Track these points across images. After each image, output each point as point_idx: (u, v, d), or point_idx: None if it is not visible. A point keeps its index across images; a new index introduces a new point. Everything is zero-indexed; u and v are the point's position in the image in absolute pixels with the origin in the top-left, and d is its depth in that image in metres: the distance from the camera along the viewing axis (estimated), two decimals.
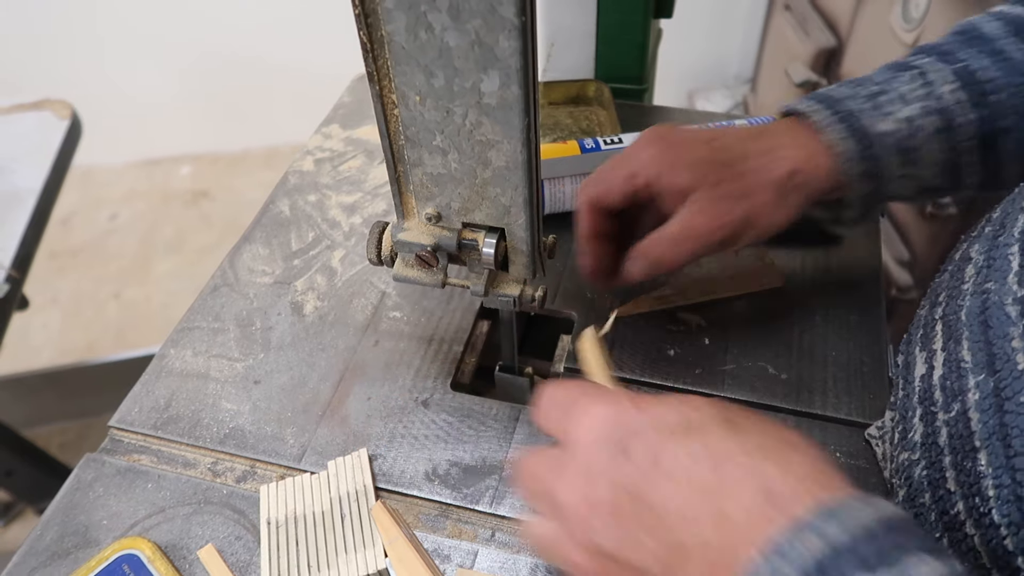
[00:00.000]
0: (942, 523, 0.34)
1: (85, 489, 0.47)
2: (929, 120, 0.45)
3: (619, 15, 0.70)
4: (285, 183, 0.67)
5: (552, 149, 0.59)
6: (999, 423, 0.31)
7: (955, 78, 0.45)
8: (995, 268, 0.35)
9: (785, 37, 1.66)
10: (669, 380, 0.51)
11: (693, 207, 0.44)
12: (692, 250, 0.45)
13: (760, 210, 0.45)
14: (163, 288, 1.98)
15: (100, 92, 2.04)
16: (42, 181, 1.00)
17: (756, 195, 0.45)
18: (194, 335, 0.55)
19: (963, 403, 0.33)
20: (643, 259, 0.46)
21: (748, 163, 0.45)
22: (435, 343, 0.54)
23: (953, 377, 0.35)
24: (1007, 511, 0.29)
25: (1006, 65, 0.44)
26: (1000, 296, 0.34)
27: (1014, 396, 0.30)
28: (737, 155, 0.45)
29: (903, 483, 0.38)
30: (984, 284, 0.35)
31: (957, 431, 0.34)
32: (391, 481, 0.46)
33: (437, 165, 0.40)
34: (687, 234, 0.45)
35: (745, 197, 0.44)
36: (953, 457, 0.34)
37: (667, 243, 0.45)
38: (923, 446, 0.37)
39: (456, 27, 0.33)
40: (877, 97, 0.46)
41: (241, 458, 0.48)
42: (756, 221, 0.45)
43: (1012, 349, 0.31)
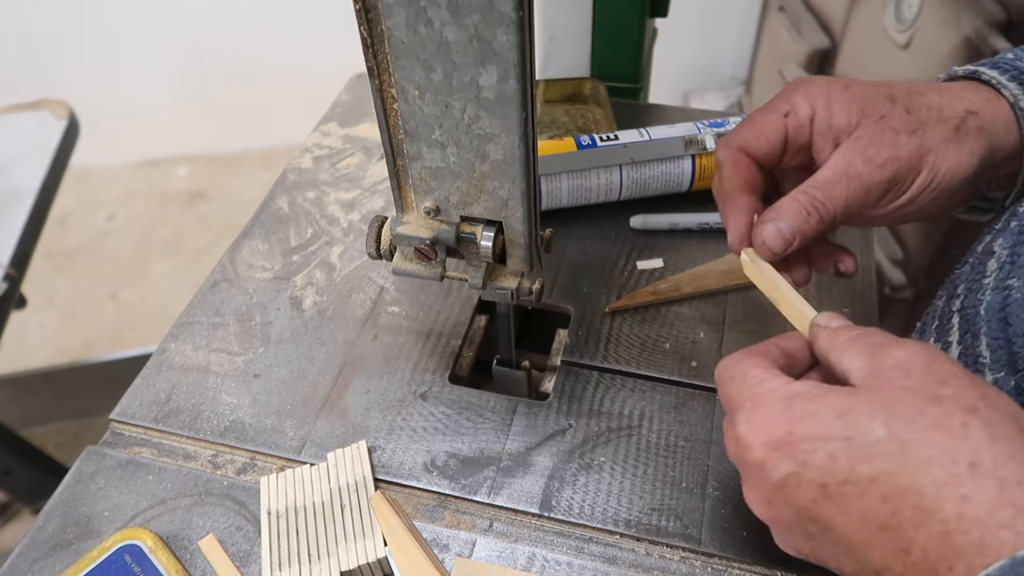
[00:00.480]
0: None
1: (87, 481, 0.47)
2: None
3: (615, 14, 0.71)
4: (284, 180, 0.68)
5: (549, 146, 0.59)
6: None
7: None
8: (1019, 264, 0.35)
9: (779, 38, 1.67)
10: (664, 372, 0.51)
11: (852, 145, 0.38)
12: (848, 202, 0.37)
13: (935, 147, 0.37)
14: (160, 289, 1.98)
15: (97, 93, 2.04)
16: (40, 180, 1.00)
17: (928, 130, 0.37)
18: (194, 330, 0.55)
19: None
20: (784, 219, 0.38)
21: (916, 100, 0.38)
22: (433, 337, 0.54)
23: (970, 371, 0.35)
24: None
25: None
26: (1023, 293, 0.34)
27: None
28: (903, 92, 0.39)
29: None
30: (1007, 280, 0.35)
31: None
32: (390, 472, 0.47)
33: (436, 159, 0.40)
34: (844, 174, 0.37)
35: (916, 132, 0.37)
36: None
37: (819, 189, 0.38)
38: None
39: (455, 22, 0.34)
40: None
41: (241, 450, 0.49)
42: (930, 159, 0.37)
43: None
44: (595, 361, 0.52)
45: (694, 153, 0.59)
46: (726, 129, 0.60)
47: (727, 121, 0.61)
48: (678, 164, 0.60)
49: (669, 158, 0.59)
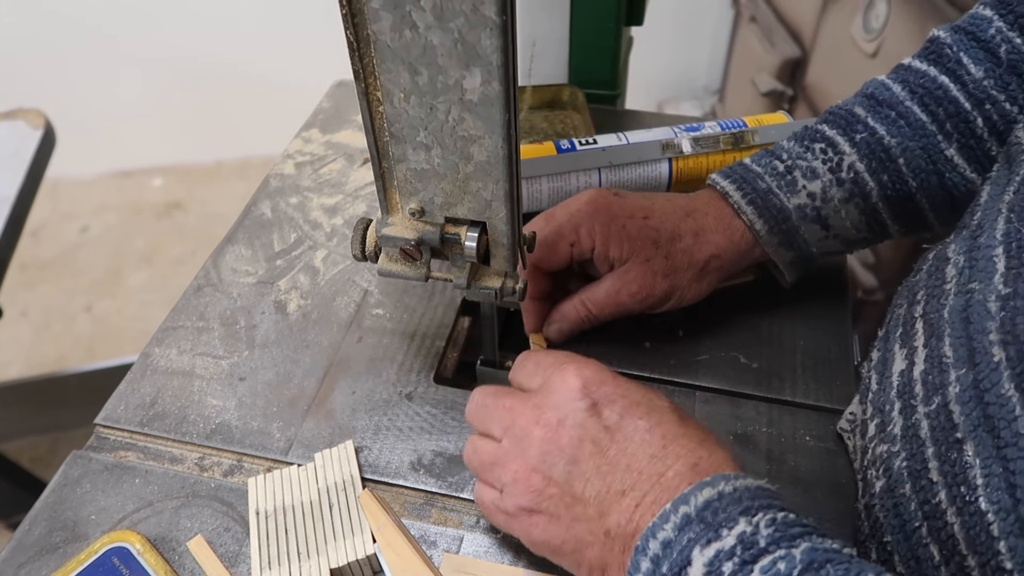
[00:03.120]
0: (922, 512, 0.36)
1: (72, 485, 0.47)
2: (838, 190, 0.50)
3: (592, 22, 0.72)
4: (267, 186, 0.68)
5: (529, 150, 0.60)
6: (983, 415, 0.32)
7: (861, 147, 0.50)
8: (979, 269, 0.37)
9: (751, 48, 1.71)
10: (645, 370, 0.53)
11: (624, 277, 0.50)
12: (613, 315, 0.51)
13: (681, 286, 0.51)
14: (135, 300, 1.97)
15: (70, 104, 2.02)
16: (16, 189, 0.99)
17: (679, 275, 0.51)
18: (179, 334, 0.56)
19: (944, 396, 0.35)
20: (564, 321, 0.52)
21: (676, 244, 0.50)
22: (418, 339, 0.55)
23: (935, 372, 0.37)
24: (996, 498, 0.31)
25: (908, 129, 0.49)
26: (984, 295, 0.35)
27: (993, 388, 0.32)
28: (667, 235, 0.50)
29: (881, 475, 0.39)
30: (968, 284, 0.37)
31: (939, 423, 0.35)
32: (377, 471, 0.47)
33: (421, 161, 0.41)
34: (612, 300, 0.50)
35: (669, 275, 0.50)
36: (936, 448, 0.35)
37: (592, 305, 0.51)
38: (903, 438, 0.38)
39: (440, 26, 0.35)
40: (789, 174, 0.51)
41: (228, 452, 0.49)
42: (675, 295, 0.51)
43: (989, 343, 0.33)
44: None
45: (671, 156, 0.61)
46: (701, 133, 0.62)
47: (702, 125, 0.63)
48: (655, 167, 0.61)
49: (647, 161, 0.61)
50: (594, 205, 0.50)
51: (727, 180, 0.52)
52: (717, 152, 0.61)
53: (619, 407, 0.38)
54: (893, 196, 0.50)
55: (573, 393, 0.39)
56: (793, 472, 0.47)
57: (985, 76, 0.47)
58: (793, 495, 0.46)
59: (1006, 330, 0.33)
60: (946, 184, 0.49)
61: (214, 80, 2.08)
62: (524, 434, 0.39)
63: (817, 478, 0.46)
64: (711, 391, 0.52)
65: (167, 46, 1.96)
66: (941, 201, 0.50)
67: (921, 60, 0.50)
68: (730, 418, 0.50)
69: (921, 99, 0.49)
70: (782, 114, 0.64)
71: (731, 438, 0.49)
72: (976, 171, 0.49)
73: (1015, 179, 0.38)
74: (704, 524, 0.32)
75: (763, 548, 0.31)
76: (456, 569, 0.43)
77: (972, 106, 0.48)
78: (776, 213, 0.50)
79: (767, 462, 0.47)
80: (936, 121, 0.49)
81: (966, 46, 0.48)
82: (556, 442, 0.38)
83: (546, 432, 0.38)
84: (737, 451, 0.48)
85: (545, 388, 0.40)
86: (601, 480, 0.36)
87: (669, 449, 0.36)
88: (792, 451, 0.48)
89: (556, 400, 0.39)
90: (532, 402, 0.40)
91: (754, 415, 0.50)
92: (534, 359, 0.43)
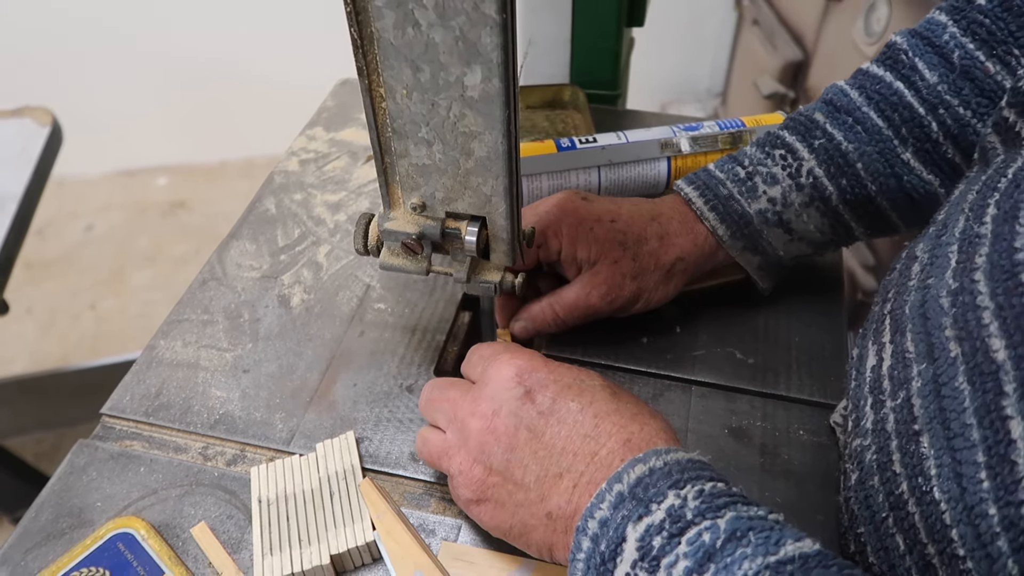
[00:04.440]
0: (888, 503, 0.37)
1: (79, 473, 0.48)
2: (798, 195, 0.52)
3: (593, 23, 0.73)
4: (271, 182, 0.69)
5: (531, 148, 0.61)
6: (938, 408, 0.33)
7: (819, 153, 0.51)
8: (936, 265, 0.38)
9: (754, 51, 1.71)
10: (642, 365, 0.53)
11: (593, 279, 0.51)
12: (581, 318, 0.53)
13: (648, 288, 0.52)
14: (139, 299, 1.98)
15: (76, 103, 2.04)
16: (23, 187, 1.00)
17: (646, 276, 0.52)
18: (184, 327, 0.57)
19: (907, 390, 0.36)
20: (531, 321, 0.53)
21: (642, 247, 0.52)
22: (419, 333, 0.56)
23: (900, 367, 0.38)
24: (947, 487, 0.32)
25: (865, 135, 0.50)
26: (937, 290, 0.36)
27: (949, 382, 0.33)
28: (633, 238, 0.51)
29: (856, 467, 0.40)
30: (926, 280, 0.38)
31: (902, 417, 0.36)
32: (377, 462, 0.48)
33: (422, 156, 0.42)
34: (581, 303, 0.51)
35: (636, 277, 0.51)
36: (899, 441, 0.36)
37: (561, 308, 0.52)
38: (873, 432, 0.39)
39: (441, 24, 0.36)
40: (750, 180, 0.52)
41: (231, 442, 0.50)
42: (643, 296, 0.52)
43: (946, 338, 0.34)
44: (575, 355, 0.54)
45: (669, 155, 0.62)
46: (700, 132, 0.63)
47: (701, 125, 0.63)
48: (654, 165, 0.62)
49: (645, 160, 0.61)
50: (561, 208, 0.51)
51: (691, 186, 0.53)
52: (715, 151, 0.62)
53: (551, 391, 0.40)
54: (853, 200, 0.52)
55: (507, 383, 0.40)
56: (786, 465, 0.48)
57: (939, 81, 0.48)
58: (786, 488, 0.47)
59: (959, 326, 0.33)
60: (905, 187, 0.51)
61: (218, 80, 2.09)
62: (463, 425, 0.41)
63: (809, 471, 0.47)
64: (707, 386, 0.52)
65: (172, 46, 1.98)
66: (902, 203, 0.52)
67: (879, 65, 0.52)
68: (725, 412, 0.51)
69: (877, 105, 0.50)
70: (780, 114, 0.64)
71: (726, 431, 0.50)
72: (933, 173, 0.50)
73: (980, 180, 0.39)
74: (636, 500, 0.34)
75: (690, 520, 0.32)
76: (454, 557, 0.44)
77: (926, 111, 0.49)
78: (738, 218, 0.52)
79: (761, 455, 0.48)
80: (892, 126, 0.50)
81: (921, 51, 0.49)
82: (493, 432, 0.40)
83: (483, 423, 0.40)
84: (729, 444, 0.49)
85: (482, 379, 0.42)
86: (539, 465, 0.38)
87: (601, 427, 0.38)
88: (786, 445, 0.49)
89: (491, 391, 0.41)
90: (471, 394, 0.42)
91: (749, 409, 0.51)
92: (478, 352, 0.45)
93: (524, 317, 0.53)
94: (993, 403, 0.29)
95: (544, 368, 0.41)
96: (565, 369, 0.41)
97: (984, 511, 0.29)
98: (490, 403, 0.40)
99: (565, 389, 0.40)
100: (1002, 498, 0.28)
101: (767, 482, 0.47)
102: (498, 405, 0.40)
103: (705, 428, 0.50)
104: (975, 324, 0.32)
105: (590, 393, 0.40)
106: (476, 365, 0.44)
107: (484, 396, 0.41)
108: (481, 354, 0.45)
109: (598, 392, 0.40)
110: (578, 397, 0.39)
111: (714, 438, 0.49)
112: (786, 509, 0.45)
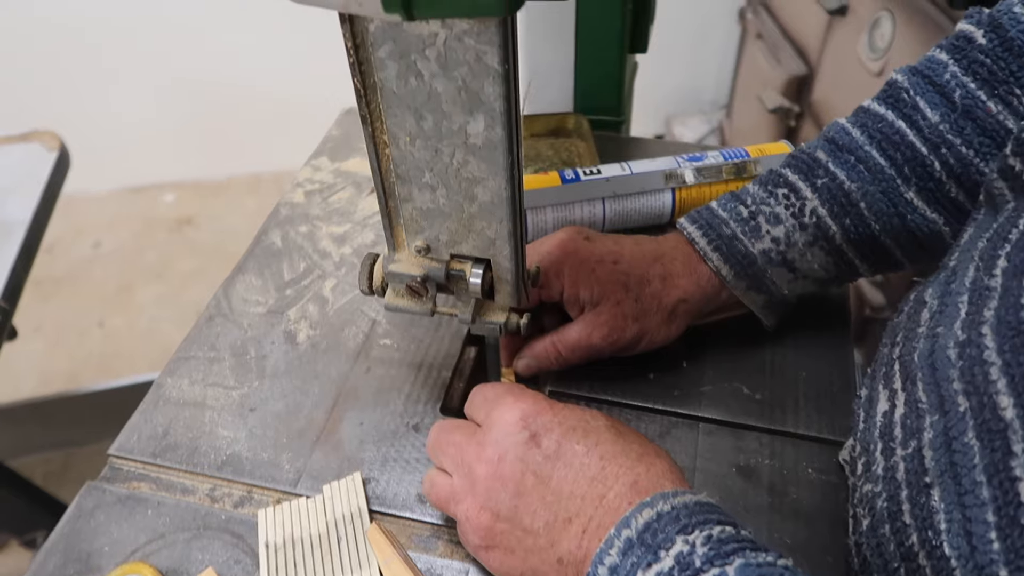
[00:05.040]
0: (899, 553, 0.36)
1: (86, 517, 0.48)
2: (802, 235, 0.51)
3: (596, 51, 0.73)
4: (276, 215, 0.69)
5: (535, 180, 0.61)
6: (949, 462, 0.33)
7: (822, 192, 0.51)
8: (946, 314, 0.38)
9: (758, 64, 1.71)
10: (648, 401, 0.53)
11: (596, 319, 0.51)
12: (583, 358, 0.52)
13: (650, 329, 0.52)
14: (147, 316, 1.99)
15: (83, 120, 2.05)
16: (31, 212, 1.01)
17: (649, 317, 0.51)
18: (190, 364, 0.57)
19: (919, 441, 0.36)
20: (534, 359, 0.53)
21: (645, 288, 0.51)
22: (424, 369, 0.56)
23: (913, 416, 0.37)
24: (957, 544, 0.31)
25: (868, 174, 0.50)
26: (946, 340, 0.36)
27: (959, 436, 0.33)
28: (636, 279, 0.51)
29: (866, 513, 0.40)
30: (935, 328, 0.38)
31: (913, 467, 0.36)
32: (384, 503, 0.48)
33: (426, 200, 0.42)
34: (584, 343, 0.51)
35: (639, 319, 0.51)
36: (909, 492, 0.36)
37: (563, 347, 0.52)
38: (884, 479, 0.39)
39: (444, 74, 0.36)
40: (753, 219, 0.52)
41: (238, 484, 0.50)
42: (645, 338, 0.52)
43: (955, 391, 0.34)
44: (581, 391, 0.54)
45: (674, 187, 0.62)
46: (704, 163, 0.62)
47: (705, 155, 0.63)
48: (658, 197, 0.62)
49: (650, 191, 0.61)
50: (563, 249, 0.51)
51: (693, 225, 0.53)
52: (719, 182, 0.62)
53: (556, 434, 0.40)
54: (857, 239, 0.51)
55: (511, 427, 0.40)
56: (795, 505, 0.47)
57: (941, 121, 0.48)
58: (795, 528, 0.46)
59: (967, 380, 0.33)
60: (909, 226, 0.51)
61: (224, 96, 2.10)
62: (469, 471, 0.41)
63: (819, 511, 0.47)
64: (714, 423, 0.52)
65: (179, 62, 1.99)
66: (906, 241, 0.51)
67: (880, 103, 0.51)
68: (733, 450, 0.50)
69: (879, 144, 0.50)
70: (784, 143, 0.64)
71: (734, 470, 0.49)
72: (937, 212, 0.50)
73: (991, 227, 0.39)
74: (645, 547, 0.34)
75: (698, 568, 0.32)
76: None
77: (928, 151, 0.49)
78: (741, 258, 0.52)
79: (769, 494, 0.48)
80: (895, 165, 0.50)
81: (922, 90, 0.49)
82: (500, 477, 0.39)
83: (489, 468, 0.40)
84: (737, 484, 0.48)
85: (487, 423, 0.42)
86: (547, 510, 0.38)
87: (608, 470, 0.38)
88: (794, 483, 0.48)
89: (496, 435, 0.41)
90: (476, 438, 0.42)
91: (757, 447, 0.50)
92: (482, 393, 0.45)
93: (527, 355, 0.53)
94: (1002, 462, 0.29)
95: (549, 411, 0.41)
96: (569, 411, 0.41)
97: (995, 572, 0.29)
98: (495, 448, 0.40)
99: (570, 431, 0.40)
100: (1012, 561, 0.28)
101: (776, 522, 0.47)
102: (503, 450, 0.40)
103: (713, 467, 0.50)
104: (982, 379, 0.32)
105: (595, 434, 0.40)
106: (480, 407, 0.44)
107: (489, 441, 0.41)
108: (485, 396, 0.45)
109: (603, 433, 0.40)
110: (583, 439, 0.39)
111: (722, 477, 0.49)
112: (795, 550, 0.45)
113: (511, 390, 0.44)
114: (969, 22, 0.48)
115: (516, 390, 0.44)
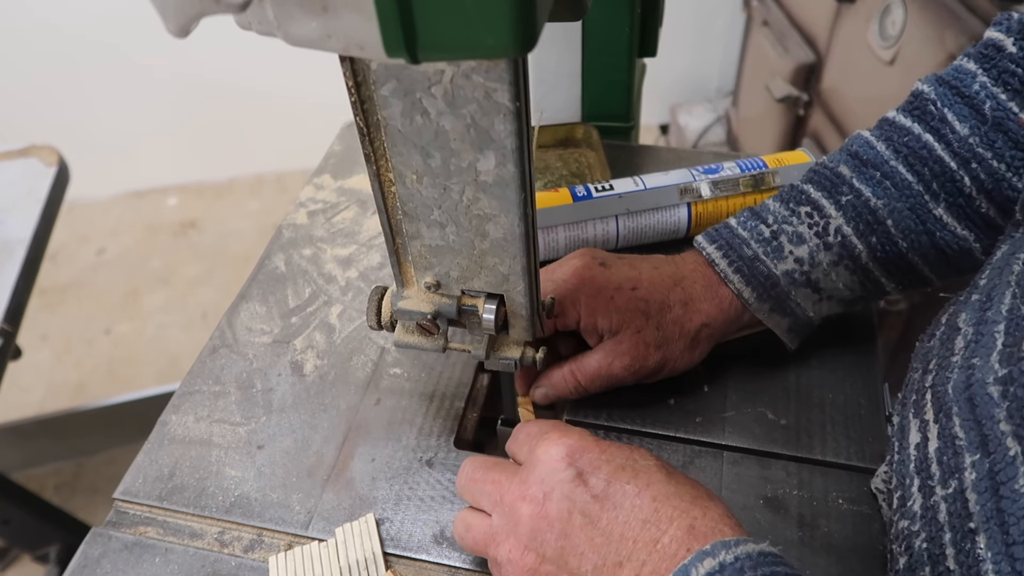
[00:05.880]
0: None
1: (92, 566, 0.47)
2: (826, 254, 0.49)
3: (604, 56, 0.71)
4: (279, 237, 0.68)
5: (545, 198, 0.59)
6: (996, 508, 0.31)
7: (847, 210, 0.49)
8: (981, 344, 0.36)
9: (764, 52, 1.68)
10: (670, 429, 0.51)
11: (616, 347, 0.49)
12: (603, 387, 0.50)
13: (673, 357, 0.50)
14: (154, 322, 1.97)
15: (84, 125, 2.04)
16: (31, 230, 0.99)
17: (671, 345, 0.50)
18: (195, 399, 0.55)
19: (960, 481, 0.34)
20: (552, 388, 0.51)
21: (666, 315, 0.49)
22: (436, 399, 0.54)
23: (950, 453, 0.35)
24: None
25: (895, 190, 0.48)
26: (983, 374, 0.34)
27: (1008, 482, 0.31)
28: (656, 306, 0.49)
29: (903, 551, 0.38)
30: (971, 359, 0.36)
31: (955, 509, 0.34)
32: (399, 545, 0.46)
33: (435, 237, 0.40)
34: (604, 372, 0.49)
35: (661, 347, 0.49)
36: (952, 535, 0.34)
37: (583, 377, 0.50)
38: (923, 518, 0.37)
39: (451, 112, 0.34)
40: (775, 239, 0.50)
41: (248, 527, 0.48)
42: (668, 366, 0.50)
43: (1001, 432, 0.32)
44: (599, 419, 0.52)
45: (689, 201, 0.59)
46: (720, 176, 0.60)
47: (721, 167, 0.61)
48: (674, 212, 0.60)
49: (665, 207, 0.59)
50: (579, 277, 0.49)
51: (713, 245, 0.51)
52: (737, 195, 0.60)
53: (605, 473, 0.38)
54: (883, 257, 0.49)
55: (557, 464, 0.38)
56: (826, 538, 0.46)
57: (970, 134, 0.46)
58: (827, 563, 0.44)
59: (1016, 422, 0.31)
60: (938, 243, 0.48)
61: (225, 98, 2.09)
62: (512, 510, 0.39)
63: (851, 545, 0.45)
64: (739, 451, 0.50)
65: (177, 65, 1.97)
66: (935, 259, 0.49)
67: (905, 115, 0.49)
68: (759, 480, 0.49)
69: (906, 159, 0.48)
70: (803, 152, 0.62)
71: (761, 502, 0.47)
72: (967, 228, 0.48)
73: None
74: None
75: None
76: None
77: (958, 165, 0.46)
78: (764, 280, 0.50)
79: (799, 528, 0.46)
80: (922, 181, 0.48)
81: (950, 102, 0.47)
82: (545, 517, 0.37)
83: (534, 507, 0.38)
84: (765, 516, 0.47)
85: (530, 460, 0.40)
86: (596, 553, 0.36)
87: (661, 512, 0.36)
88: (824, 515, 0.47)
89: (541, 473, 0.38)
90: (519, 476, 0.40)
91: (784, 476, 0.49)
92: (525, 430, 0.43)
93: (544, 384, 0.51)
94: None
95: (596, 448, 0.39)
96: (617, 448, 0.39)
97: None
98: (540, 486, 0.38)
99: (619, 470, 0.38)
100: None
101: (807, 557, 0.45)
102: (549, 488, 0.38)
103: (739, 498, 0.48)
104: None
105: (646, 475, 0.38)
106: (523, 444, 0.42)
107: (533, 479, 0.39)
108: (528, 432, 0.43)
109: (654, 473, 0.38)
110: (633, 479, 0.37)
111: (749, 509, 0.47)
112: None
113: (556, 426, 0.42)
114: (998, 29, 0.46)
115: (561, 427, 0.41)
